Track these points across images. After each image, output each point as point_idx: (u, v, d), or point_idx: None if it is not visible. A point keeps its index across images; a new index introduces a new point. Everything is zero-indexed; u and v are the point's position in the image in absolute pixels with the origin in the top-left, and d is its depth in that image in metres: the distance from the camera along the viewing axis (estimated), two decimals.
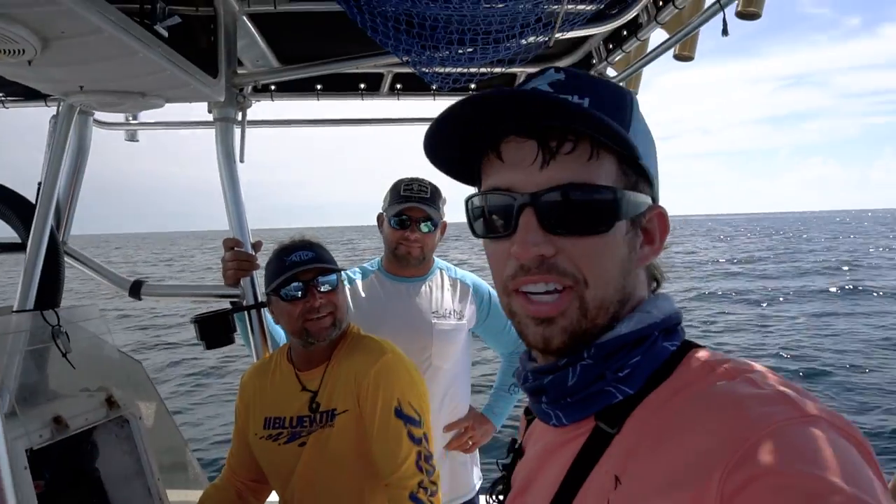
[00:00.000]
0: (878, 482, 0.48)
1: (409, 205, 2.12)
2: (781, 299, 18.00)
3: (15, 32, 1.13)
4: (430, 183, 2.19)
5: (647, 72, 2.26)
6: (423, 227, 2.16)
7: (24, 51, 1.23)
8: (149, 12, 1.41)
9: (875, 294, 18.34)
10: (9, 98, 2.54)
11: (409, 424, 1.67)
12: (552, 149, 0.63)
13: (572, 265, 0.65)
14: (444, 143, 0.71)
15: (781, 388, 0.56)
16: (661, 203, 0.72)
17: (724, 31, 1.57)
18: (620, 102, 0.67)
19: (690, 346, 0.68)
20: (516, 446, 0.89)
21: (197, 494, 1.87)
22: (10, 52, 1.20)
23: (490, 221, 0.69)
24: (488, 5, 1.55)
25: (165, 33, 1.46)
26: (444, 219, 2.25)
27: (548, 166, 0.63)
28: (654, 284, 0.75)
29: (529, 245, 0.64)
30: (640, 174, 0.68)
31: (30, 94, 2.48)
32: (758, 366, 0.61)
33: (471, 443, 2.33)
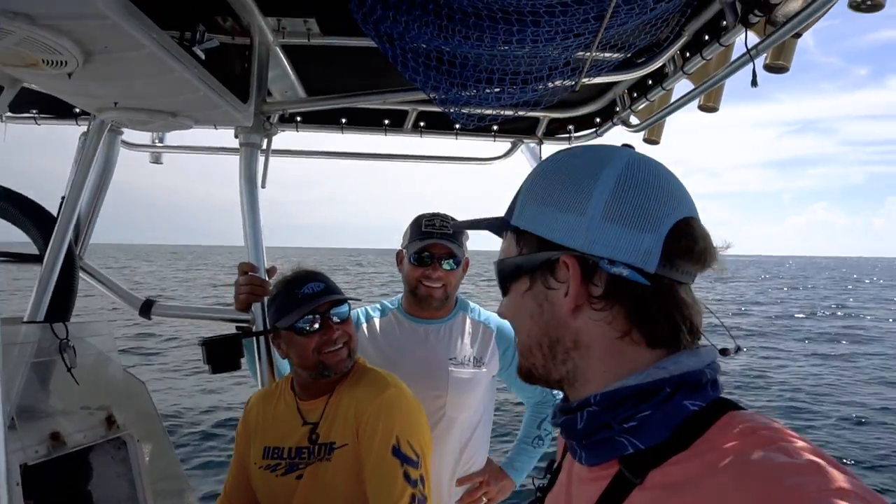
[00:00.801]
0: None
1: (431, 241, 2.05)
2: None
3: (60, 44, 1.15)
4: (452, 218, 2.12)
5: None
6: (446, 265, 2.08)
7: (66, 62, 1.25)
8: (189, 35, 1.44)
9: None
10: (41, 115, 2.59)
11: (405, 464, 1.60)
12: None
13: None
14: None
15: (813, 458, 0.56)
16: None
17: (754, 83, 1.58)
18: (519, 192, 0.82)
19: (725, 406, 0.67)
20: (554, 467, 0.91)
21: None
22: (53, 63, 1.23)
23: None
24: (519, 46, 1.57)
25: (203, 56, 1.49)
26: (467, 255, 2.17)
27: None
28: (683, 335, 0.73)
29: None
30: (529, 238, 0.77)
31: (61, 113, 2.54)
32: (793, 434, 0.61)
33: (485, 500, 2.18)
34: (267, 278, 2.09)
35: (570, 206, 0.73)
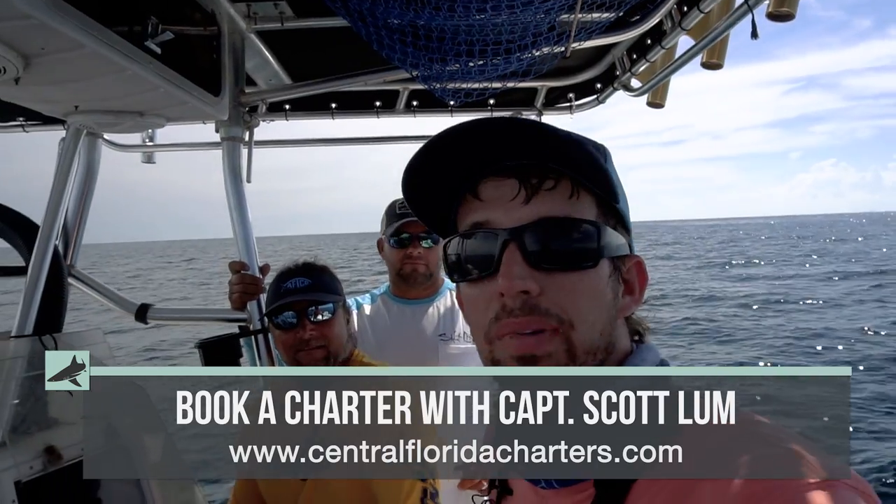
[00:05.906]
0: None
1: (407, 220, 2.06)
2: None
3: None
4: None
5: None
6: (424, 244, 2.09)
7: (5, 69, 1.19)
8: (139, 30, 1.36)
9: None
10: (29, 122, 2.56)
11: None
12: (534, 185, 0.63)
13: (556, 306, 0.62)
14: (423, 183, 0.69)
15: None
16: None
17: (754, 34, 1.44)
18: (597, 152, 0.67)
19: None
20: (497, 484, 0.83)
21: None
22: None
23: (469, 263, 0.66)
24: (494, 14, 1.46)
25: (158, 50, 1.41)
26: None
27: (530, 202, 0.63)
28: (637, 338, 0.72)
29: (515, 278, 0.61)
30: (617, 219, 0.67)
31: (47, 119, 2.49)
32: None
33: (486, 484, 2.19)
34: (260, 275, 2.04)
35: (626, 199, 0.70)
